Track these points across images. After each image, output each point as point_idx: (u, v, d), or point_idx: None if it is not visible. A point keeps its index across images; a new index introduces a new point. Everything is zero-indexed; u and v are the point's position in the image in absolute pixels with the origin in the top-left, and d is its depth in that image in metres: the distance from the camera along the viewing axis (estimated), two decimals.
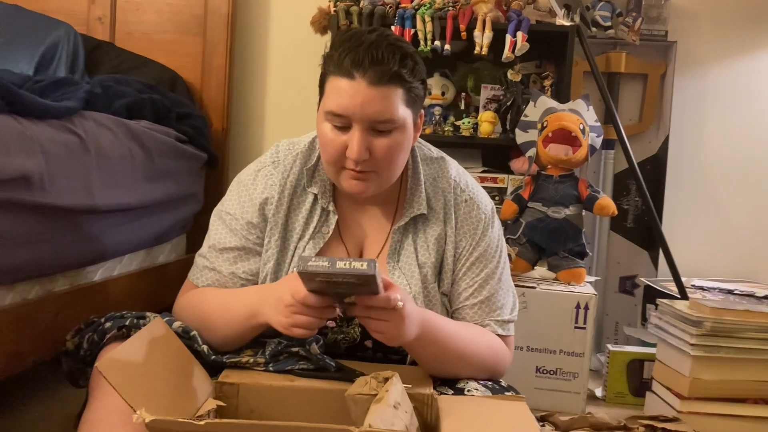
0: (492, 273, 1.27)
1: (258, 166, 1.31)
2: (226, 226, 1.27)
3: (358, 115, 1.12)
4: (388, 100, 1.12)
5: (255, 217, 1.26)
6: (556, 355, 1.92)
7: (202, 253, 1.30)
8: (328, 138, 1.16)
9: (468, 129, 2.28)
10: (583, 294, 1.92)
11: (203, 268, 1.28)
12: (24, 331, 1.40)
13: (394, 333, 1.06)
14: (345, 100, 1.12)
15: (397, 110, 1.13)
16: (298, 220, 1.27)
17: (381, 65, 1.10)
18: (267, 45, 2.61)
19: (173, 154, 1.97)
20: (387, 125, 1.14)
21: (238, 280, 1.26)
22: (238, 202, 1.28)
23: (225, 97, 2.45)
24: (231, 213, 1.28)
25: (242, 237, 1.26)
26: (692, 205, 2.54)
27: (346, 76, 1.11)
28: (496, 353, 1.25)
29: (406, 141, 1.18)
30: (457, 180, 1.30)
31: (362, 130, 1.13)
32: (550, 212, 2.02)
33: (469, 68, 2.45)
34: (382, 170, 1.17)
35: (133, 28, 2.49)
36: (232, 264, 1.26)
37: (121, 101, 1.85)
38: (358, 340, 1.25)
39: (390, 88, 1.11)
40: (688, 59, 2.48)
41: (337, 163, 1.17)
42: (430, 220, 1.27)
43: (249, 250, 1.26)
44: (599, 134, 2.09)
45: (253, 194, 1.27)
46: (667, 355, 1.82)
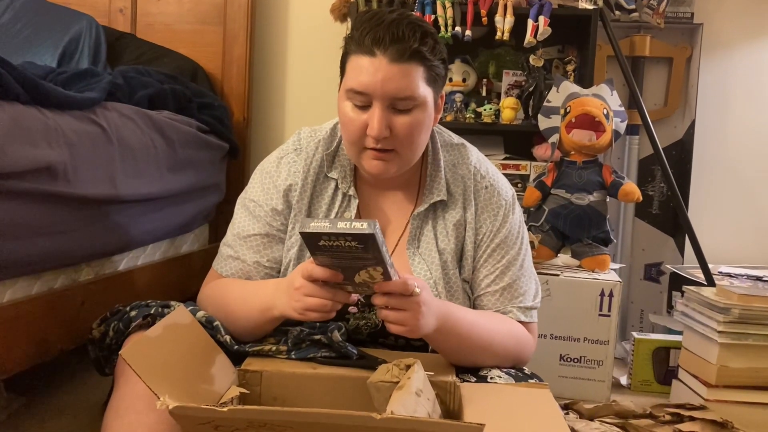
0: (513, 259, 1.26)
1: (280, 153, 1.32)
2: (250, 214, 1.28)
3: (378, 92, 1.12)
4: (409, 77, 1.12)
5: (279, 204, 1.26)
6: (580, 343, 1.90)
7: (226, 242, 1.31)
8: (349, 117, 1.17)
9: (490, 116, 2.26)
10: (607, 281, 1.90)
11: (227, 257, 1.29)
12: (50, 319, 1.42)
13: (413, 323, 1.05)
14: (366, 77, 1.12)
15: (418, 87, 1.13)
16: (320, 206, 1.28)
17: (402, 43, 1.10)
18: (287, 34, 2.60)
19: (195, 144, 1.97)
20: (407, 102, 1.14)
21: (262, 269, 1.26)
22: (262, 189, 1.29)
23: (246, 87, 2.46)
24: (255, 200, 1.29)
25: (266, 224, 1.27)
26: (719, 190, 2.50)
27: (367, 53, 1.12)
28: (519, 342, 1.24)
29: (426, 120, 1.18)
30: (477, 166, 1.30)
31: (383, 107, 1.13)
32: (573, 199, 1.99)
33: (491, 54, 2.43)
34: (403, 149, 1.17)
35: (154, 20, 2.50)
36: (256, 252, 1.27)
37: (143, 92, 1.86)
38: (380, 325, 1.25)
39: (411, 66, 1.11)
40: (715, 42, 2.43)
41: (358, 142, 1.17)
42: (450, 207, 1.27)
43: (273, 237, 1.27)
44: (623, 119, 2.06)
45: (277, 181, 1.28)
46: (694, 343, 1.80)
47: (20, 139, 1.22)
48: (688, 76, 2.46)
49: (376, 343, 1.27)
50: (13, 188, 1.22)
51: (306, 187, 1.27)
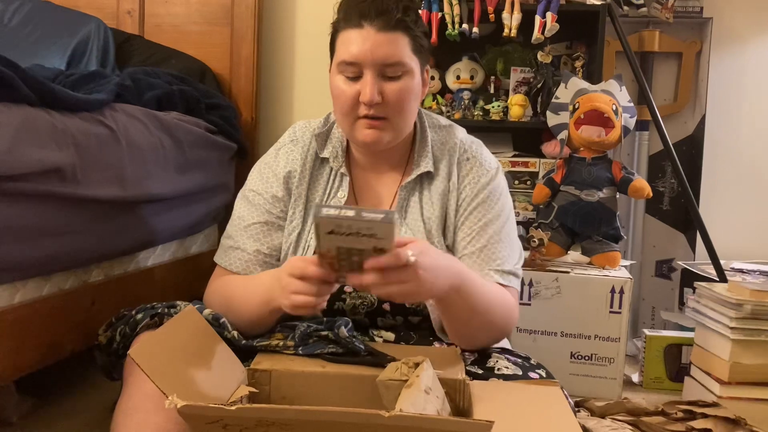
0: (492, 221, 1.28)
1: (278, 146, 1.37)
2: (250, 203, 1.32)
3: (369, 60, 1.18)
4: (396, 45, 1.19)
5: (280, 190, 1.31)
6: (591, 340, 1.89)
7: (226, 234, 1.34)
8: (340, 89, 1.22)
9: (498, 113, 2.25)
10: (618, 278, 1.89)
11: (228, 248, 1.32)
12: (61, 321, 1.43)
13: (417, 290, 1.03)
14: (356, 48, 1.18)
15: (405, 55, 1.20)
16: (317, 190, 1.32)
17: (387, 14, 1.18)
18: (294, 33, 2.61)
19: (203, 145, 1.98)
20: (396, 69, 1.20)
21: (262, 257, 1.29)
22: (261, 178, 1.33)
23: (253, 87, 2.46)
24: (254, 190, 1.33)
25: (265, 211, 1.30)
26: (731, 185, 2.48)
27: (356, 27, 1.18)
28: (509, 309, 1.24)
29: (415, 88, 1.24)
30: (463, 141, 1.34)
31: (373, 75, 1.19)
32: (583, 195, 1.98)
33: (499, 51, 2.41)
34: (395, 116, 1.22)
35: (162, 21, 2.50)
36: (256, 240, 1.30)
37: (151, 93, 1.86)
38: (375, 304, 1.28)
39: (397, 34, 1.19)
40: (725, 36, 2.41)
41: (351, 112, 1.22)
42: (435, 179, 1.31)
43: (272, 225, 1.30)
44: (632, 115, 2.05)
45: (276, 169, 1.32)
46: (706, 339, 1.78)
47: (29, 141, 1.22)
48: (698, 70, 2.45)
49: (374, 322, 1.29)
50: (22, 190, 1.22)
51: (304, 173, 1.31)
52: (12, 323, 1.28)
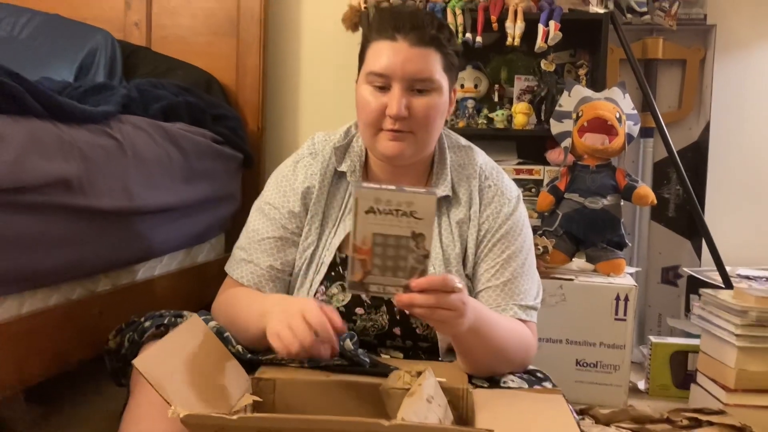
0: (515, 254, 1.26)
1: (296, 158, 1.35)
2: (266, 216, 1.31)
3: (399, 73, 1.17)
4: (428, 61, 1.18)
5: (297, 206, 1.29)
6: (597, 347, 1.89)
7: (239, 245, 1.33)
8: (367, 100, 1.21)
9: (502, 121, 2.26)
10: (623, 285, 1.88)
11: (240, 260, 1.31)
12: (68, 330, 1.44)
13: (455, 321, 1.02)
14: (387, 59, 1.18)
15: (436, 72, 1.19)
16: (334, 207, 1.30)
17: (421, 29, 1.17)
18: (299, 43, 2.62)
19: (209, 155, 2.00)
20: (426, 84, 1.18)
21: (275, 273, 1.28)
22: (278, 192, 1.31)
23: (260, 97, 2.47)
24: (271, 203, 1.31)
25: (281, 227, 1.29)
26: (736, 192, 2.47)
27: (389, 38, 1.18)
28: (527, 345, 1.23)
29: (442, 106, 1.22)
30: (483, 167, 1.32)
31: (402, 88, 1.17)
32: (587, 203, 1.99)
33: (502, 59, 2.43)
34: (420, 131, 1.20)
35: (169, 32, 2.52)
36: (270, 255, 1.28)
37: (157, 104, 1.88)
38: (386, 327, 1.27)
39: (429, 51, 1.18)
40: (729, 43, 2.41)
41: (376, 124, 1.20)
42: (454, 205, 1.29)
43: (286, 240, 1.29)
44: (636, 122, 2.05)
45: (294, 184, 1.30)
46: (712, 346, 1.78)
47: (36, 153, 1.24)
48: (702, 77, 2.45)
49: (384, 344, 1.29)
50: (29, 202, 1.24)
51: (323, 189, 1.30)
52: (19, 334, 1.29)
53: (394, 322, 1.26)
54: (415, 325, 1.26)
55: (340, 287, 1.27)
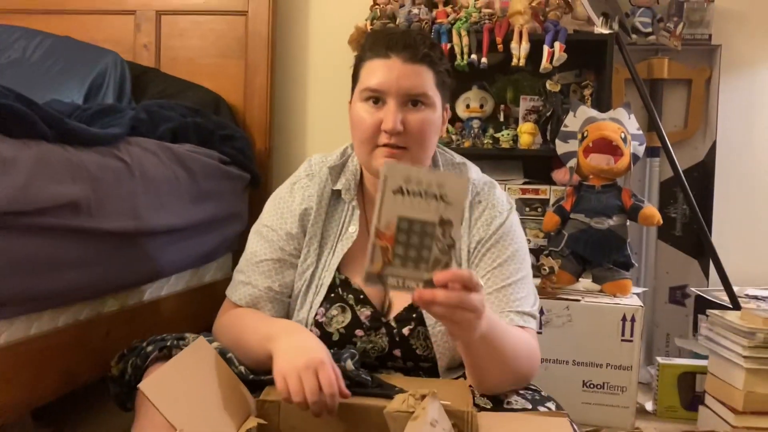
0: (508, 261, 1.25)
1: (293, 179, 1.36)
2: (263, 239, 1.31)
3: (393, 88, 1.19)
4: (421, 77, 1.20)
5: (294, 227, 1.29)
6: (603, 368, 1.88)
7: (239, 268, 1.34)
8: (362, 117, 1.22)
9: (508, 141, 2.27)
10: (629, 306, 1.88)
11: (239, 283, 1.31)
12: (76, 350, 1.45)
13: (473, 322, 0.97)
14: (381, 76, 1.20)
15: (429, 87, 1.21)
16: (332, 228, 1.31)
17: (413, 47, 1.20)
18: (306, 65, 2.65)
19: (217, 176, 2.01)
20: (420, 99, 1.21)
21: (273, 294, 1.29)
22: (276, 214, 1.32)
23: (267, 118, 2.49)
24: (269, 225, 1.32)
25: (279, 248, 1.29)
26: (743, 211, 2.46)
27: (382, 57, 1.20)
28: (533, 354, 1.22)
29: (436, 121, 1.24)
30: (475, 183, 1.32)
31: (397, 104, 1.19)
32: (593, 223, 1.98)
33: (508, 80, 2.43)
34: (415, 146, 1.21)
35: (178, 54, 2.55)
36: (267, 277, 1.29)
37: (165, 126, 1.90)
38: (387, 349, 1.26)
39: (422, 67, 1.20)
40: (734, 63, 2.42)
41: (371, 140, 1.21)
42: None
43: (284, 263, 1.29)
44: (641, 143, 2.05)
45: (292, 205, 1.31)
46: (720, 368, 1.77)
47: (45, 176, 1.26)
48: (708, 97, 2.45)
49: (384, 366, 1.28)
50: (38, 224, 1.25)
51: (320, 211, 1.30)
52: (28, 355, 1.30)
53: (394, 343, 1.26)
54: (415, 347, 1.26)
55: (340, 309, 1.27)
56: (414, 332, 1.25)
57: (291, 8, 2.63)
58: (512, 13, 2.20)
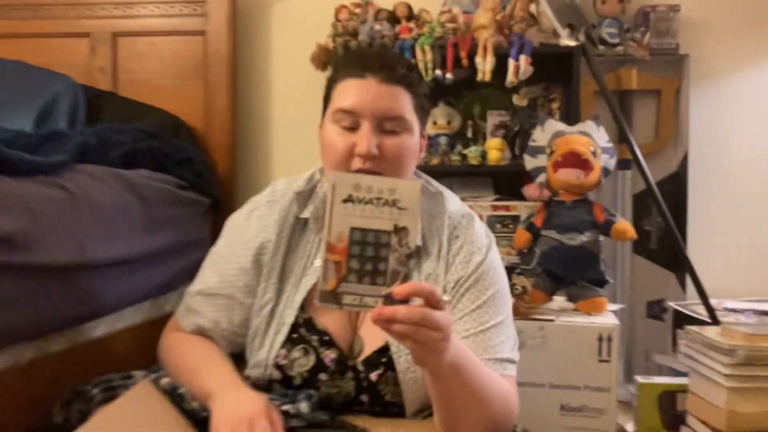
0: (488, 302, 1.18)
1: (252, 206, 1.27)
2: (216, 270, 1.24)
3: (368, 110, 1.12)
4: (398, 99, 1.14)
5: (247, 263, 1.21)
6: (581, 390, 1.81)
7: (190, 293, 1.27)
8: (334, 140, 1.14)
9: (476, 157, 2.22)
10: (605, 325, 1.81)
11: (188, 309, 1.25)
12: (17, 397, 1.35)
13: (437, 345, 0.90)
14: (356, 96, 1.13)
15: (406, 110, 1.15)
16: (296, 262, 1.22)
17: (390, 68, 1.14)
18: (270, 84, 2.59)
19: (172, 202, 1.94)
20: (396, 123, 1.14)
21: (221, 331, 1.22)
22: (229, 244, 1.25)
23: (230, 140, 2.43)
24: (223, 256, 1.24)
25: (229, 284, 1.22)
26: (718, 222, 2.43)
27: (357, 76, 1.14)
28: (509, 401, 1.14)
29: (413, 147, 1.17)
30: (452, 216, 1.24)
31: (372, 126, 1.12)
32: (564, 239, 1.93)
33: (475, 95, 2.39)
34: (390, 173, 1.12)
35: (135, 76, 2.49)
36: (216, 311, 1.22)
37: (117, 151, 1.83)
38: (353, 394, 1.18)
39: (399, 89, 1.14)
40: (703, 72, 2.39)
41: (343, 165, 1.13)
42: (423, 258, 1.21)
43: (234, 300, 1.21)
44: (612, 155, 2.01)
45: (246, 237, 1.23)
46: (701, 387, 1.71)
47: None
48: (678, 107, 2.41)
49: (351, 411, 1.19)
50: None
51: (281, 243, 1.21)
52: None
53: (361, 389, 1.18)
54: (383, 393, 1.18)
55: (303, 351, 1.18)
56: (383, 378, 1.17)
57: (251, 26, 2.58)
58: (476, 27, 2.16)
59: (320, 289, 0.88)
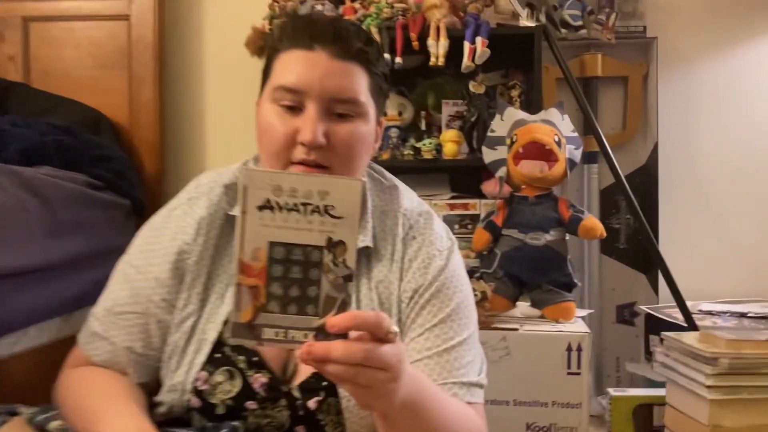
0: (452, 315, 1.02)
1: (172, 205, 1.08)
2: (127, 283, 1.04)
3: (316, 89, 0.94)
4: (352, 78, 0.96)
5: (165, 272, 1.01)
6: (549, 407, 1.63)
7: (95, 314, 1.06)
8: (273, 124, 0.96)
9: (430, 151, 2.04)
10: (574, 333, 1.63)
11: (93, 334, 1.04)
12: None
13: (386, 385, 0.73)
14: (301, 72, 0.94)
15: (361, 92, 0.97)
16: (224, 267, 1.03)
17: (345, 41, 0.96)
18: (202, 74, 2.39)
19: (82, 203, 1.71)
20: (349, 107, 0.96)
21: (135, 357, 1.02)
22: (143, 251, 1.05)
23: (157, 136, 2.23)
24: (135, 265, 1.05)
25: (145, 299, 1.02)
26: (690, 218, 2.28)
27: (304, 47, 0.96)
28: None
29: (368, 137, 1.00)
30: (407, 214, 1.07)
31: (319, 110, 0.95)
32: (528, 239, 1.74)
33: (429, 84, 2.22)
34: (339, 165, 0.96)
35: (50, 66, 2.27)
36: (129, 334, 1.02)
37: (15, 146, 1.59)
38: (287, 425, 0.99)
39: (354, 66, 0.97)
40: (672, 56, 2.25)
41: (283, 155, 0.95)
42: (373, 262, 1.04)
43: (151, 317, 1.02)
44: (578, 146, 1.83)
45: (163, 242, 1.03)
46: (680, 399, 1.54)
47: None
48: (647, 95, 2.27)
49: None
50: None
51: (208, 244, 1.02)
52: None
53: (297, 419, 0.99)
54: (324, 423, 0.99)
55: (227, 374, 0.99)
56: (323, 405, 0.98)
57: (180, 10, 2.36)
58: (428, 6, 1.98)
59: (233, 321, 0.71)
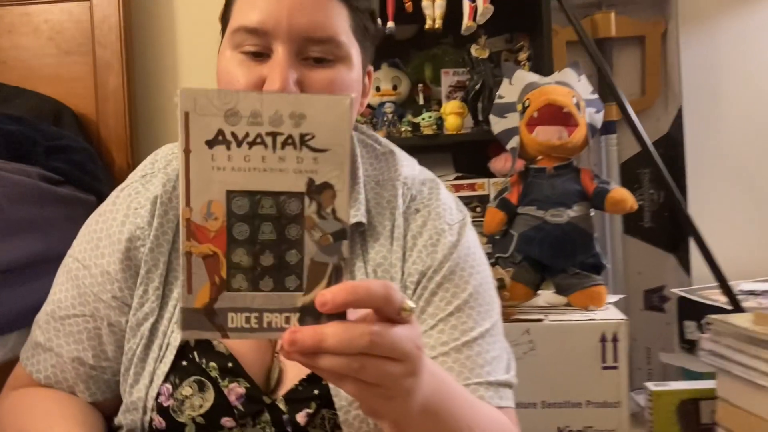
0: (470, 301, 0.84)
1: (124, 184, 0.93)
2: (72, 281, 0.88)
3: (283, 28, 0.76)
4: (328, 12, 0.78)
5: (114, 263, 0.85)
6: (583, 408, 1.46)
7: (37, 321, 0.91)
8: (233, 73, 0.78)
9: (431, 126, 1.85)
10: (608, 321, 1.45)
11: (36, 346, 0.89)
12: None
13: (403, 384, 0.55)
14: (265, 7, 0.76)
15: (341, 30, 0.79)
16: None
17: None
18: (176, 57, 2.21)
19: (37, 199, 1.52)
20: (327, 48, 0.78)
21: (86, 370, 0.86)
22: (90, 240, 0.88)
23: (126, 126, 2.04)
24: (80, 260, 0.88)
25: (93, 298, 0.85)
26: (722, 190, 2.09)
27: None
28: None
29: (353, 86, 0.81)
30: (407, 182, 0.90)
31: (289, 52, 0.77)
32: (548, 216, 1.54)
33: (426, 55, 2.04)
34: None
35: (7, 55, 2.09)
36: (77, 342, 0.86)
37: None
38: None
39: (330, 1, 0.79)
40: (693, 12, 2.06)
41: None
42: (369, 241, 0.86)
43: (102, 320, 0.86)
44: (599, 109, 1.64)
45: (111, 227, 0.87)
46: (734, 391, 1.36)
47: None
48: (666, 56, 2.08)
49: None
50: None
51: (164, 228, 0.86)
52: None
53: None
54: None
55: (197, 385, 0.82)
56: (315, 419, 0.81)
57: None
58: None
59: (184, 307, 0.51)
